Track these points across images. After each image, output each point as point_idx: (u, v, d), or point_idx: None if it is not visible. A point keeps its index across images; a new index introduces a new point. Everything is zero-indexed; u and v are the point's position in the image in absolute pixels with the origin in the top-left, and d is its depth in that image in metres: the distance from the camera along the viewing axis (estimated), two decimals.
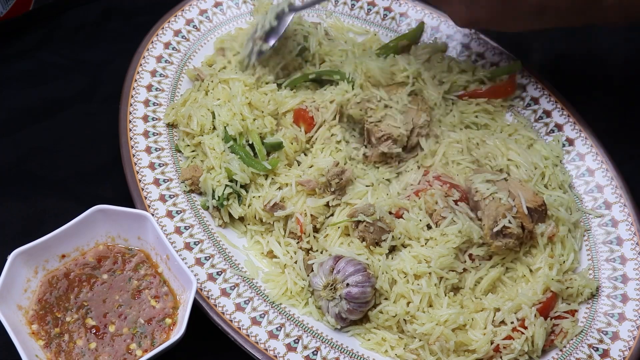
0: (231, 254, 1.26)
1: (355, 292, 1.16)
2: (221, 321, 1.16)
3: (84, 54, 1.58)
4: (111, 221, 1.19)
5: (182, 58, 1.48)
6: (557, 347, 1.21)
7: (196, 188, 1.32)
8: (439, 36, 1.59)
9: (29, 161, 1.40)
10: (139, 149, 1.33)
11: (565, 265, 1.26)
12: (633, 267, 1.28)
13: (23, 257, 1.13)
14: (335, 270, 1.18)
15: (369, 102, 1.35)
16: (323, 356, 1.16)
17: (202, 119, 1.34)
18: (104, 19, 1.65)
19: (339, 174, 1.26)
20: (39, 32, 1.60)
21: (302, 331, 1.18)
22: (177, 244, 1.24)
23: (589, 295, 1.25)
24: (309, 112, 1.35)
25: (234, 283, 1.22)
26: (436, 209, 1.25)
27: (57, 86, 1.52)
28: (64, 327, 1.13)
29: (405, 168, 1.34)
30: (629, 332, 1.21)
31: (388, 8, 1.63)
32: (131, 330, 1.13)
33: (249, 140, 1.33)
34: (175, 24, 1.51)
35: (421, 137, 1.35)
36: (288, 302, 1.22)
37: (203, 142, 1.34)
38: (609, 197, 1.36)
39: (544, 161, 1.35)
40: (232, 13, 1.58)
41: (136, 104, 1.38)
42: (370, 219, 1.22)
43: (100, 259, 1.20)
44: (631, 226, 1.32)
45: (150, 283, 1.18)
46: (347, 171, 1.27)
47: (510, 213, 1.22)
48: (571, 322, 1.21)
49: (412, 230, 1.23)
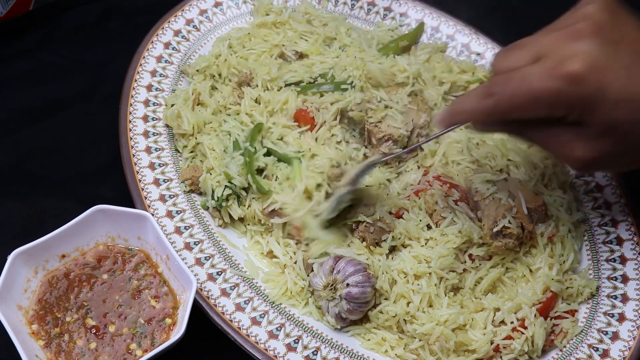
0: (231, 254, 1.26)
1: (355, 292, 1.16)
2: (221, 321, 1.16)
3: (84, 54, 1.58)
4: (111, 221, 1.19)
5: (182, 58, 1.48)
6: (557, 347, 1.21)
7: (196, 188, 1.32)
8: (438, 36, 1.59)
9: (29, 161, 1.40)
10: (139, 149, 1.33)
11: (565, 265, 1.26)
12: (633, 267, 1.28)
13: (23, 257, 1.13)
14: (335, 270, 1.18)
15: (369, 103, 1.35)
16: (323, 356, 1.16)
17: (197, 117, 1.34)
18: (104, 19, 1.65)
19: (337, 176, 1.26)
20: (39, 32, 1.60)
21: (302, 331, 1.18)
22: (177, 244, 1.24)
23: (588, 295, 1.25)
24: (309, 112, 1.35)
25: (234, 283, 1.22)
26: (436, 209, 1.25)
27: (57, 86, 1.52)
28: (64, 327, 1.13)
29: (405, 168, 1.34)
30: (629, 332, 1.21)
31: (388, 8, 1.63)
32: (131, 330, 1.13)
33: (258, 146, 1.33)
34: (175, 24, 1.51)
35: (421, 138, 1.35)
36: (288, 302, 1.22)
37: (202, 143, 1.34)
38: (609, 197, 1.36)
39: (544, 161, 1.35)
40: (232, 13, 1.59)
41: (136, 104, 1.38)
42: (370, 219, 1.22)
43: (100, 259, 1.20)
44: (631, 226, 1.32)
45: (150, 283, 1.18)
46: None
47: (510, 213, 1.22)
48: (571, 322, 1.21)
49: (412, 230, 1.23)
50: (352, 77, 1.39)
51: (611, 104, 0.94)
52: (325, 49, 1.49)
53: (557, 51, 0.95)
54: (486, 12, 1.71)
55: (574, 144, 0.99)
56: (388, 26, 1.59)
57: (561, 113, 0.97)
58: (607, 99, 0.93)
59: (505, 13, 1.76)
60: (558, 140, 1.01)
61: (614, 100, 0.93)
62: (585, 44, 0.94)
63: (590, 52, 0.93)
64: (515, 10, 1.77)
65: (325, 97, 1.37)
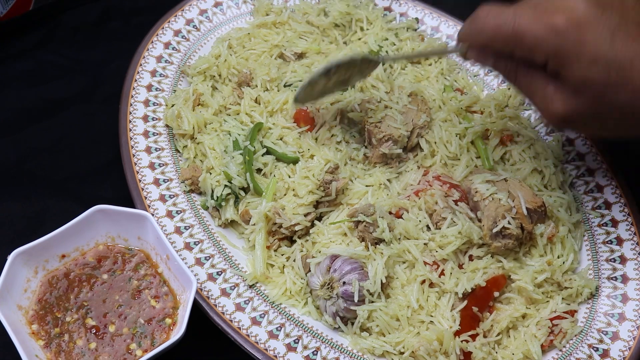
0: (231, 254, 1.26)
1: (351, 290, 1.16)
2: (221, 321, 1.16)
3: (84, 54, 1.59)
4: (111, 221, 1.19)
5: (182, 58, 1.48)
6: (557, 347, 1.21)
7: (196, 188, 1.32)
8: (439, 36, 1.59)
9: (29, 161, 1.41)
10: (139, 149, 1.33)
11: (565, 265, 1.26)
12: (633, 267, 1.28)
13: (23, 257, 1.13)
14: (332, 269, 1.18)
15: (369, 103, 1.35)
16: (323, 356, 1.16)
17: (197, 117, 1.34)
18: (104, 19, 1.65)
19: (327, 183, 1.26)
20: (39, 32, 1.60)
21: (302, 331, 1.18)
22: (177, 244, 1.24)
23: (588, 295, 1.25)
24: (309, 112, 1.35)
25: (234, 283, 1.22)
26: (436, 209, 1.25)
27: (57, 86, 1.52)
28: (64, 327, 1.13)
29: (405, 168, 1.34)
30: (629, 332, 1.21)
31: (388, 8, 1.63)
32: (131, 330, 1.13)
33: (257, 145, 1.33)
34: (175, 24, 1.51)
35: (421, 138, 1.35)
36: (288, 302, 1.22)
37: (202, 143, 1.34)
38: (609, 197, 1.36)
39: (544, 161, 1.35)
40: (232, 13, 1.59)
41: (136, 104, 1.38)
42: (370, 219, 1.22)
43: (100, 259, 1.20)
44: (631, 226, 1.32)
45: (150, 283, 1.18)
46: (339, 182, 1.27)
47: (510, 214, 1.21)
48: (571, 322, 1.21)
49: (412, 230, 1.23)
50: None
51: (587, 62, 0.99)
52: (326, 44, 1.50)
53: (552, 3, 1.01)
54: None
55: (552, 96, 1.05)
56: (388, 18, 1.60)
57: (541, 59, 1.03)
58: (583, 55, 0.98)
59: None
60: (539, 90, 1.07)
61: (591, 59, 0.98)
62: (576, 1, 0.99)
63: (577, 9, 0.99)
64: None
65: (325, 97, 1.37)
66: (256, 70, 1.42)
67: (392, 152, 1.32)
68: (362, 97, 1.36)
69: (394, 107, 1.35)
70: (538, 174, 1.33)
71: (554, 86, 1.05)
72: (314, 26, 1.54)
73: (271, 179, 1.29)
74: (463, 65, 1.55)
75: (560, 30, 0.98)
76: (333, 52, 1.49)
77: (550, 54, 1.01)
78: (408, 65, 1.50)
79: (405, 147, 1.35)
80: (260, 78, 1.40)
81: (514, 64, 1.08)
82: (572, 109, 1.04)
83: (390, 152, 1.32)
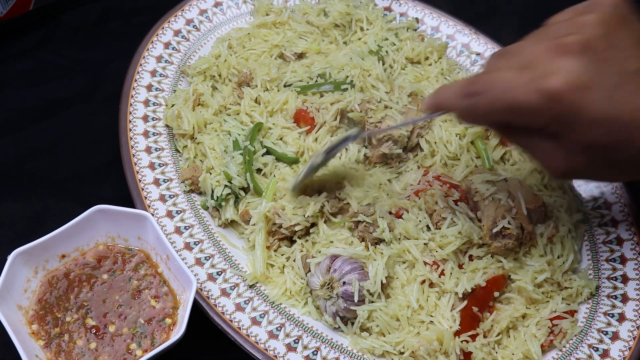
0: (231, 254, 1.26)
1: (351, 290, 1.16)
2: (221, 321, 1.16)
3: (84, 54, 1.59)
4: (111, 221, 1.19)
5: (182, 58, 1.48)
6: (557, 348, 1.21)
7: (196, 188, 1.32)
8: (438, 36, 1.59)
9: (29, 161, 1.41)
10: (139, 149, 1.33)
11: (565, 265, 1.26)
12: (633, 267, 1.28)
13: (23, 257, 1.13)
14: (331, 269, 1.18)
15: (369, 103, 1.35)
16: (323, 356, 1.16)
17: (197, 117, 1.34)
18: (104, 19, 1.65)
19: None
20: (39, 32, 1.60)
21: (302, 331, 1.18)
22: (177, 244, 1.24)
23: (588, 295, 1.25)
24: (309, 112, 1.35)
25: (234, 283, 1.22)
26: (436, 209, 1.25)
27: (57, 86, 1.52)
28: (64, 327, 1.13)
29: (405, 168, 1.34)
30: (629, 332, 1.21)
31: (388, 8, 1.63)
32: (131, 330, 1.13)
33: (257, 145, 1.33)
34: (175, 24, 1.52)
35: (421, 138, 1.35)
36: (288, 302, 1.22)
37: (202, 143, 1.34)
38: (609, 197, 1.36)
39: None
40: (232, 13, 1.59)
41: (136, 104, 1.38)
42: (370, 219, 1.22)
43: (100, 259, 1.20)
44: (631, 226, 1.32)
45: (150, 283, 1.18)
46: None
47: (510, 214, 1.22)
48: (570, 322, 1.21)
49: (412, 230, 1.23)
50: (351, 76, 1.39)
51: (588, 125, 0.93)
52: (326, 44, 1.50)
53: (542, 64, 0.94)
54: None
55: (552, 153, 1.00)
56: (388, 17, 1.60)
57: (539, 125, 0.97)
58: (583, 119, 0.93)
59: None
60: (538, 147, 1.01)
61: (591, 121, 0.93)
62: (570, 61, 0.92)
63: (572, 70, 0.92)
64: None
65: (325, 97, 1.37)
66: (256, 70, 1.42)
67: (392, 152, 1.32)
68: (362, 97, 1.36)
69: (394, 107, 1.35)
70: (538, 174, 1.33)
71: (553, 145, 0.99)
72: (314, 26, 1.54)
73: (271, 179, 1.29)
74: (463, 65, 1.55)
75: (557, 97, 0.91)
76: (333, 52, 1.49)
77: (549, 121, 0.95)
78: (408, 65, 1.50)
79: (405, 147, 1.35)
80: (260, 78, 1.40)
81: (510, 129, 1.02)
82: (575, 167, 1.00)
83: (390, 152, 1.32)
